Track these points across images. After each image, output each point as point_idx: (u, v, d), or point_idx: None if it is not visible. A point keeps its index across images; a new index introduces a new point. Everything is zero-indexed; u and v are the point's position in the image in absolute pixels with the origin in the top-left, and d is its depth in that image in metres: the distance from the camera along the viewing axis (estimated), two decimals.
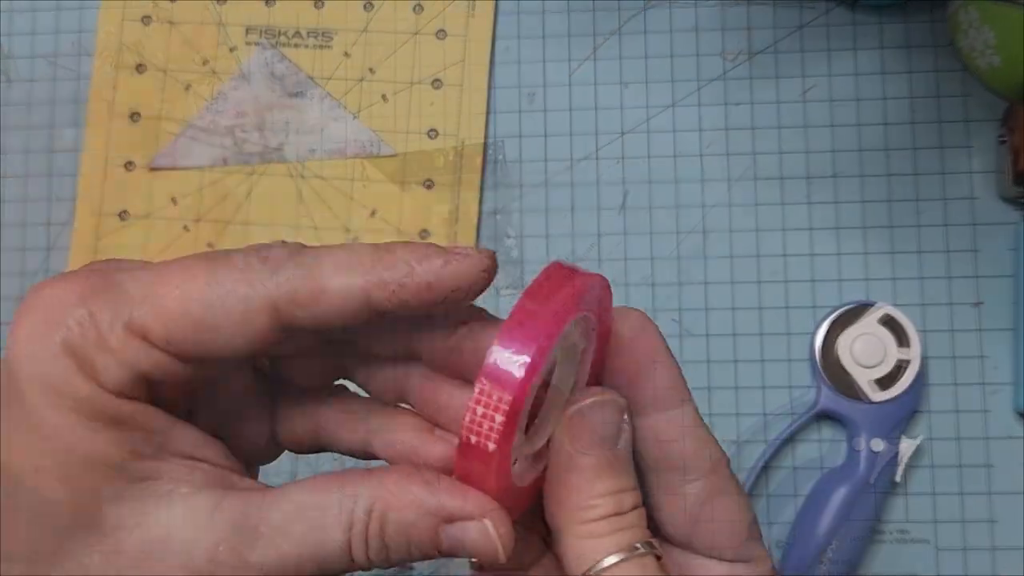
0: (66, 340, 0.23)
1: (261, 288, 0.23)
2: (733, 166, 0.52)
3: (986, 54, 0.47)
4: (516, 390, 0.23)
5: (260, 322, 0.23)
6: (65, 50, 0.56)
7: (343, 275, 0.23)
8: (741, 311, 0.51)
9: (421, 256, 0.24)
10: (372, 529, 0.24)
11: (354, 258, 0.24)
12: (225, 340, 0.23)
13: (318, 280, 0.23)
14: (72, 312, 0.23)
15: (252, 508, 0.24)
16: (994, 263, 0.51)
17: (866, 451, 0.48)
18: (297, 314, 0.23)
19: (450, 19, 0.54)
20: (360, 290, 0.23)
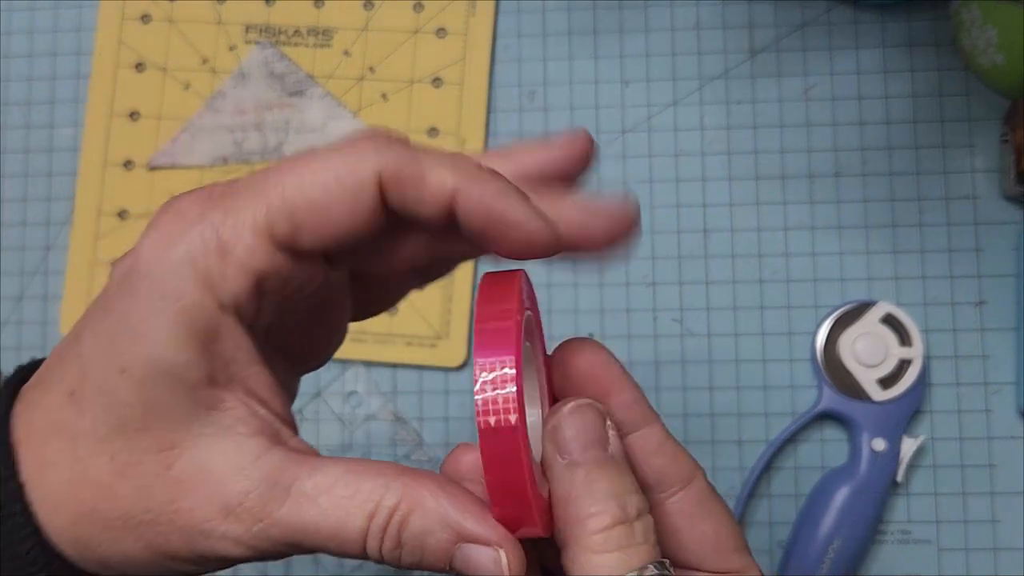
0: (188, 251, 0.24)
1: (370, 162, 0.24)
2: (735, 165, 0.52)
3: (988, 52, 0.47)
4: (514, 351, 0.24)
5: (368, 196, 0.24)
6: (64, 49, 0.56)
7: (443, 171, 0.25)
8: (743, 310, 0.51)
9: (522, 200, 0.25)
10: (392, 525, 0.24)
11: (460, 161, 0.25)
12: (340, 219, 0.24)
13: (421, 167, 0.25)
14: (195, 224, 0.24)
15: (291, 467, 0.25)
16: (996, 262, 0.50)
17: (868, 451, 0.48)
18: (397, 194, 0.25)
19: (450, 17, 0.54)
20: (451, 190, 0.25)
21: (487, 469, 0.24)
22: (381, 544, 0.25)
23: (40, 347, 0.53)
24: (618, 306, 0.52)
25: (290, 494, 0.24)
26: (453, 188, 0.25)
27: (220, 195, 0.25)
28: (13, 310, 0.54)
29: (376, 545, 0.25)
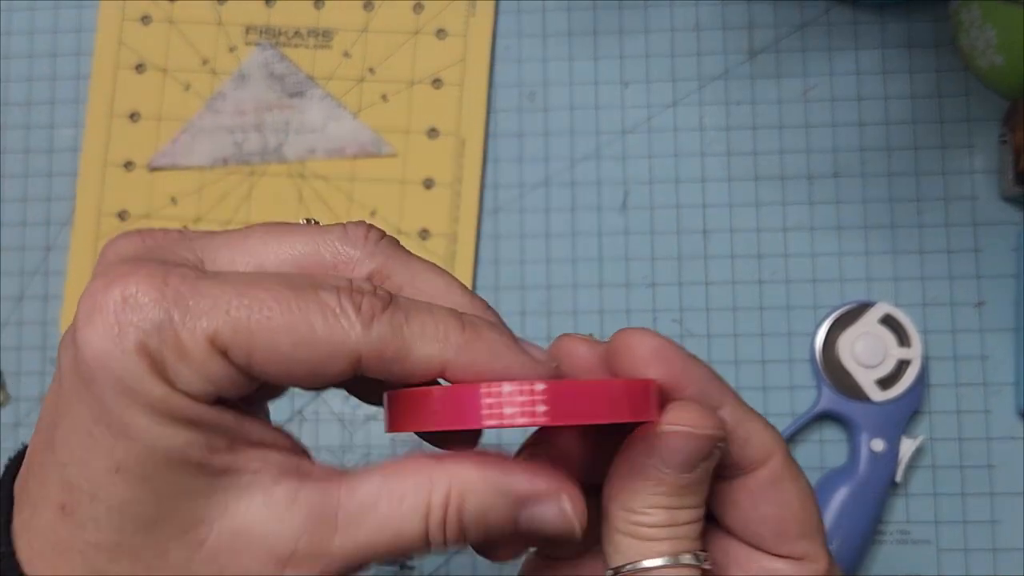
0: (141, 342, 0.22)
1: (353, 339, 0.23)
2: (734, 165, 0.52)
3: (987, 53, 0.47)
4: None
5: (341, 367, 0.23)
6: (64, 49, 0.56)
7: (430, 344, 0.24)
8: (742, 311, 0.51)
9: (503, 349, 0.24)
10: (451, 516, 0.24)
11: (441, 329, 0.24)
12: (304, 376, 0.23)
13: (407, 344, 0.24)
14: (150, 313, 0.23)
15: (330, 498, 0.24)
16: (995, 263, 0.50)
17: (867, 451, 0.48)
18: (376, 367, 0.24)
19: (450, 18, 0.54)
20: (439, 364, 0.24)
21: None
22: (444, 535, 0.24)
23: (40, 347, 0.53)
24: (618, 307, 0.52)
25: (338, 523, 0.24)
26: (441, 363, 0.24)
27: (184, 290, 0.23)
28: (13, 310, 0.54)
29: (440, 538, 0.24)
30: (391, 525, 0.24)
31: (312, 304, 0.23)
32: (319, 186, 0.53)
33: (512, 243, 0.53)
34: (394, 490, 0.24)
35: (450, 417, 0.24)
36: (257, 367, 0.23)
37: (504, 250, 0.53)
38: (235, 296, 0.23)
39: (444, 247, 0.52)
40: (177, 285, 0.23)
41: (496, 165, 0.53)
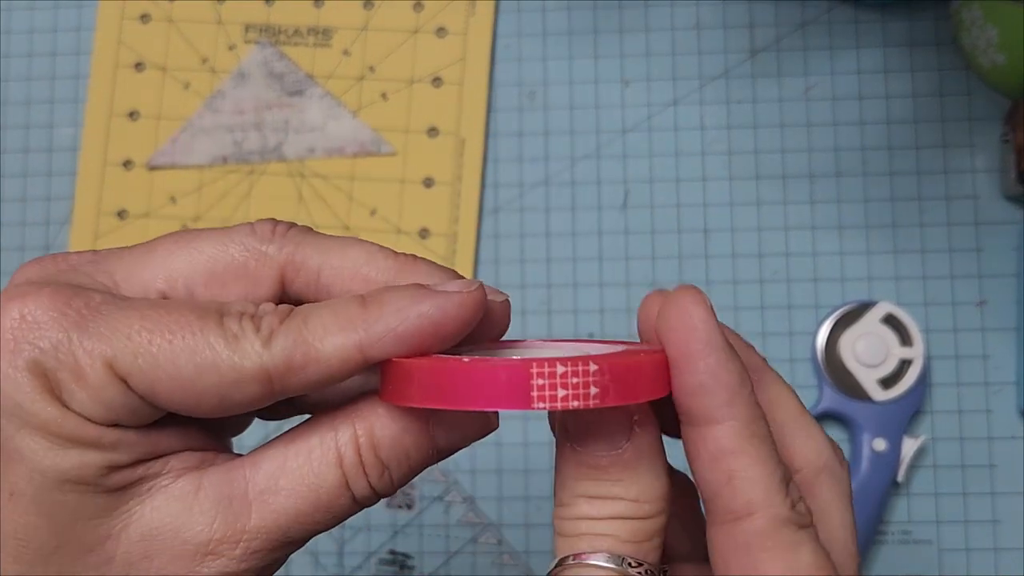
0: (35, 360, 0.22)
1: (255, 359, 0.22)
2: (735, 165, 0.52)
3: (989, 52, 0.47)
4: None
5: (253, 390, 0.22)
6: (64, 48, 0.56)
7: (335, 335, 0.22)
8: (743, 311, 0.51)
9: (409, 302, 0.23)
10: (365, 454, 0.23)
11: (342, 316, 0.23)
12: (213, 405, 0.23)
13: (312, 345, 0.22)
14: (46, 332, 0.22)
15: (235, 477, 0.23)
16: (997, 262, 0.50)
17: (869, 451, 0.48)
18: (291, 380, 0.23)
19: (450, 17, 0.54)
20: (354, 347, 0.23)
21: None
22: (367, 478, 0.23)
23: None
24: (618, 306, 0.52)
25: (249, 499, 0.23)
26: (356, 348, 0.23)
27: (84, 312, 0.22)
28: None
29: (363, 483, 0.23)
30: (305, 483, 0.23)
31: (215, 329, 0.22)
32: (318, 185, 0.53)
33: (512, 242, 0.53)
34: (300, 450, 0.23)
35: (489, 396, 0.22)
36: (160, 396, 0.22)
37: (504, 249, 0.52)
38: (139, 320, 0.22)
39: (444, 246, 0.52)
40: (80, 307, 0.22)
41: (496, 164, 0.53)
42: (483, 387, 0.22)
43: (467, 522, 0.50)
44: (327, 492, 0.23)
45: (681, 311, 0.23)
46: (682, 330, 0.23)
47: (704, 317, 0.23)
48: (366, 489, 0.23)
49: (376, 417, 0.23)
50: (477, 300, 0.23)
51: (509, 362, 0.22)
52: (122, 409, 0.22)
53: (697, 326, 0.23)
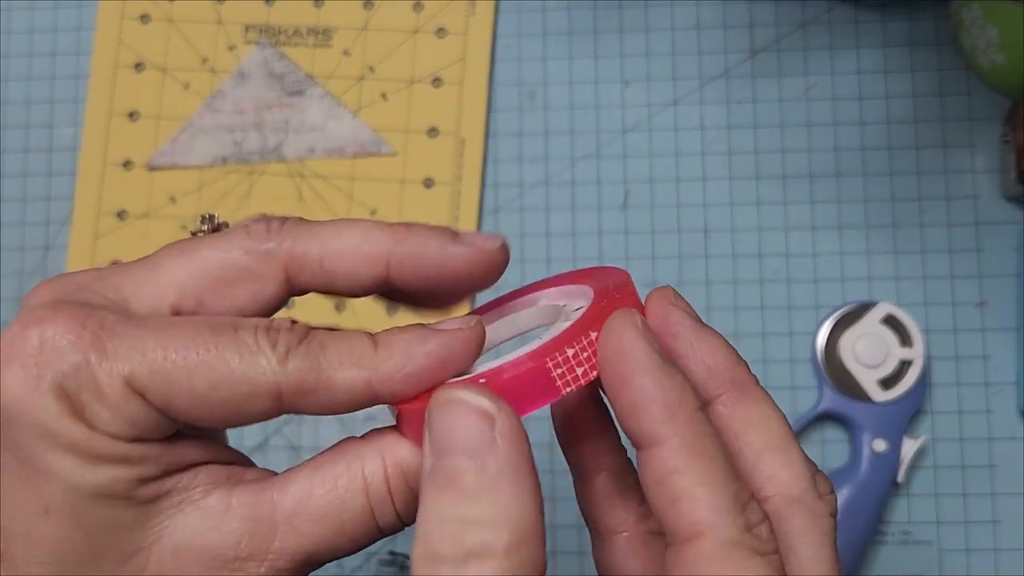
0: (59, 384, 0.22)
1: (270, 375, 0.23)
2: (735, 165, 0.52)
3: (989, 52, 0.47)
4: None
5: (263, 405, 0.23)
6: (64, 49, 0.56)
7: (348, 369, 0.23)
8: (743, 311, 0.51)
9: (415, 344, 0.24)
10: (395, 482, 0.24)
11: (356, 352, 0.23)
12: (226, 416, 0.23)
13: (325, 372, 0.23)
14: (66, 356, 0.22)
15: (264, 498, 0.24)
16: (997, 262, 0.50)
17: (869, 451, 0.48)
18: (300, 401, 0.23)
19: (450, 17, 0.54)
20: (364, 383, 0.23)
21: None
22: (394, 506, 0.24)
23: None
24: None
25: (276, 521, 0.24)
26: (365, 383, 0.23)
27: (101, 332, 0.23)
28: (13, 310, 0.54)
29: (389, 511, 0.24)
30: (332, 510, 0.23)
31: (230, 343, 0.23)
32: (318, 185, 0.53)
33: (512, 242, 0.52)
34: (327, 476, 0.24)
35: (527, 400, 0.23)
36: (176, 409, 0.23)
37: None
38: (153, 337, 0.23)
39: None
40: (95, 328, 0.23)
41: (496, 164, 0.53)
42: (514, 395, 0.23)
43: None
44: (351, 520, 0.24)
45: (611, 336, 0.23)
46: (613, 355, 0.23)
47: (634, 339, 0.22)
48: (391, 516, 0.24)
49: (403, 446, 0.24)
50: (479, 335, 0.24)
51: (521, 364, 0.23)
52: (144, 423, 0.23)
53: (627, 350, 0.22)
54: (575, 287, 0.27)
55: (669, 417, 0.22)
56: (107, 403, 0.22)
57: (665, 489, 0.22)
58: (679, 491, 0.22)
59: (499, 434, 0.21)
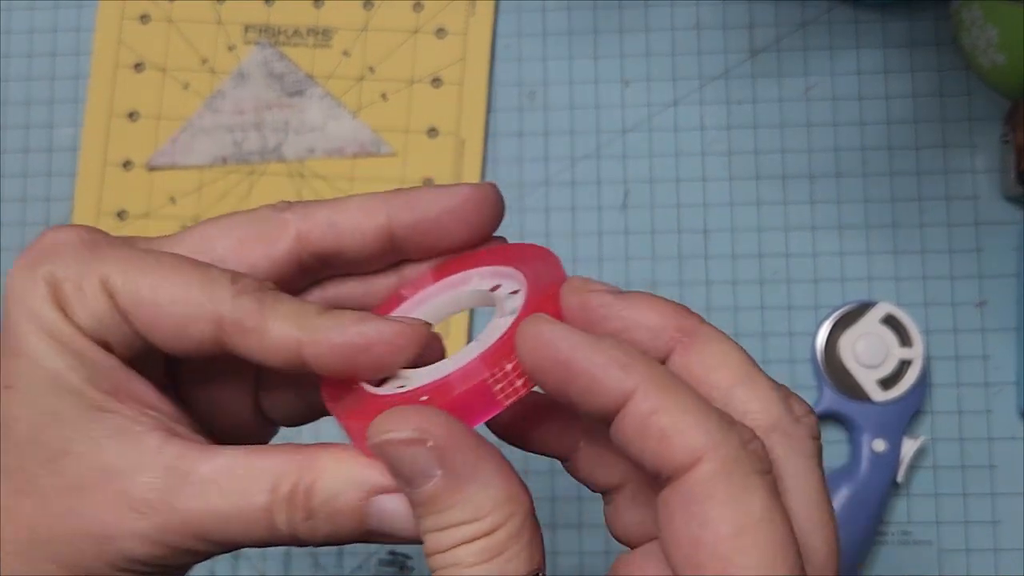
0: (49, 272, 0.25)
1: (216, 303, 0.25)
2: (735, 165, 0.52)
3: (989, 52, 0.47)
4: None
5: (205, 329, 0.25)
6: (63, 49, 0.56)
7: (286, 322, 0.25)
8: (743, 311, 0.51)
9: (352, 321, 0.25)
10: (298, 494, 0.24)
11: (300, 314, 0.25)
12: (172, 333, 0.25)
13: (266, 319, 0.25)
14: (63, 253, 0.25)
15: (189, 455, 0.25)
16: (997, 263, 0.50)
17: (868, 451, 0.48)
18: (237, 339, 0.25)
19: (450, 17, 0.54)
20: (295, 341, 0.25)
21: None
22: (290, 517, 0.24)
23: None
24: None
25: (189, 482, 0.24)
26: (296, 342, 0.25)
27: (96, 243, 0.26)
28: None
29: (284, 519, 0.24)
30: (237, 493, 0.24)
31: (200, 273, 0.25)
32: (318, 185, 0.53)
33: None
34: (251, 463, 0.24)
35: (469, 416, 0.24)
36: (137, 316, 0.25)
37: None
38: (140, 256, 0.25)
39: None
40: (99, 241, 0.26)
41: (496, 165, 0.53)
42: (455, 414, 0.23)
43: None
44: (252, 510, 0.24)
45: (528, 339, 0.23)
46: (538, 352, 0.23)
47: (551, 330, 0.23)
48: (285, 526, 0.24)
49: (325, 466, 0.24)
50: (416, 334, 0.25)
51: (464, 380, 0.23)
52: (109, 323, 0.25)
53: (547, 339, 0.22)
54: (507, 268, 0.27)
55: (626, 369, 0.22)
56: (82, 296, 0.25)
57: (650, 432, 0.22)
58: (664, 428, 0.21)
59: (435, 447, 0.22)
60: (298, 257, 0.27)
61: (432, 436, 0.22)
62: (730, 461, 0.21)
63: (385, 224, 0.27)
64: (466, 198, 0.27)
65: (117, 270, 0.25)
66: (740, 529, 0.21)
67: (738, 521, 0.21)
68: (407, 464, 0.23)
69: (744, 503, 0.21)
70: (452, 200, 0.27)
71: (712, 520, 0.21)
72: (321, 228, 0.27)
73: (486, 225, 0.27)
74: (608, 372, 0.22)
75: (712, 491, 0.21)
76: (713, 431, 0.21)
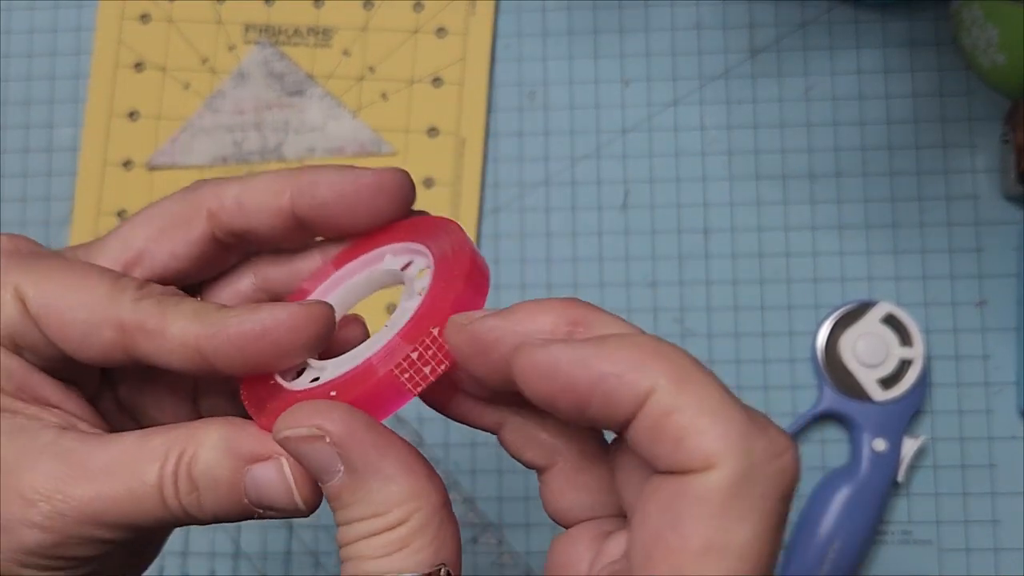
0: None
1: (119, 310, 0.25)
2: (735, 165, 0.52)
3: (989, 52, 0.47)
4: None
5: (108, 335, 0.25)
6: (63, 48, 0.56)
7: (185, 321, 0.25)
8: (743, 311, 0.51)
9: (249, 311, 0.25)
10: (181, 469, 0.24)
11: (200, 311, 0.25)
12: (78, 339, 0.25)
13: (166, 319, 0.25)
14: None
15: (85, 445, 0.25)
16: (997, 262, 0.50)
17: (869, 451, 0.48)
18: (139, 342, 0.25)
19: (450, 17, 0.54)
20: (194, 337, 0.25)
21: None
22: (177, 492, 0.24)
23: None
24: (619, 306, 0.52)
25: (85, 469, 0.25)
26: (195, 338, 0.25)
27: (23, 253, 0.27)
28: None
29: (173, 493, 0.24)
30: (129, 476, 0.24)
31: (106, 281, 0.26)
32: None
33: (512, 242, 0.53)
34: (142, 445, 0.25)
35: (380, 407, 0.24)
36: (46, 321, 0.25)
37: (504, 249, 0.53)
38: (55, 263, 0.26)
39: None
40: (24, 252, 0.27)
41: (496, 164, 0.53)
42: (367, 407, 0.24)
43: (467, 522, 0.50)
44: (143, 489, 0.25)
45: (528, 370, 0.22)
46: (544, 384, 0.22)
47: (545, 354, 0.22)
48: (174, 500, 0.25)
49: (206, 438, 0.25)
50: (312, 315, 0.25)
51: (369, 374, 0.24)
52: (19, 328, 0.26)
53: (547, 364, 0.22)
54: (417, 245, 0.27)
55: (641, 369, 0.21)
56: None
57: (665, 435, 0.20)
58: (681, 430, 0.20)
59: (334, 442, 0.23)
60: (214, 236, 0.28)
61: (330, 433, 0.23)
62: (744, 475, 0.20)
63: (288, 206, 0.27)
64: (364, 185, 0.27)
65: (30, 279, 0.26)
66: (709, 549, 0.19)
67: (714, 540, 0.19)
68: (311, 460, 0.23)
69: (732, 524, 0.20)
70: (350, 186, 0.27)
71: (687, 527, 0.20)
72: (230, 209, 0.27)
73: (389, 211, 0.28)
74: (623, 380, 0.21)
75: (708, 499, 0.20)
76: (734, 438, 0.20)
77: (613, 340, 0.21)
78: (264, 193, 0.27)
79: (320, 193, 0.27)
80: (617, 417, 0.21)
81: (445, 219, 0.27)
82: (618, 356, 0.21)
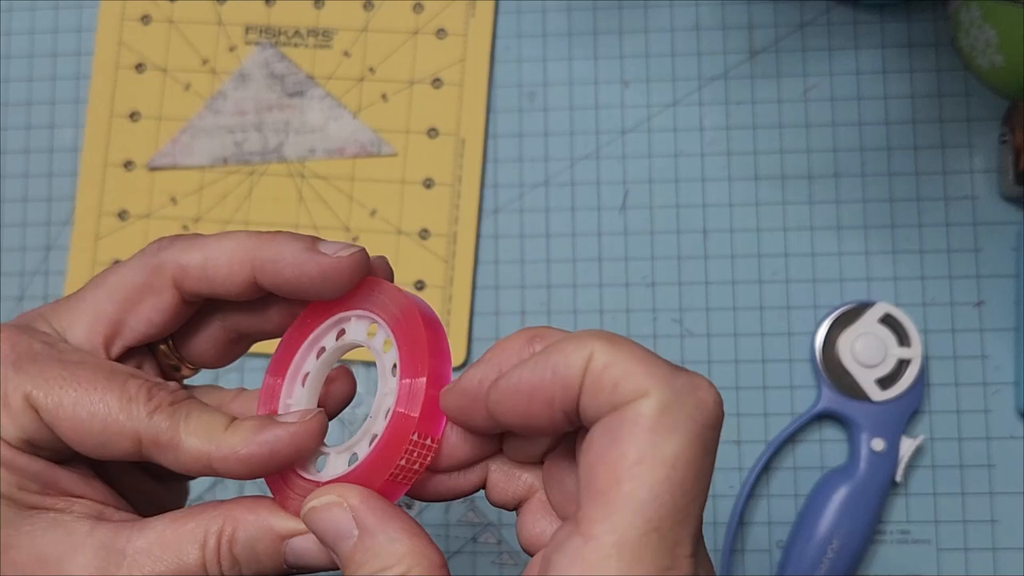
0: None
1: (135, 424, 0.27)
2: (734, 165, 0.52)
3: (987, 53, 0.47)
4: None
5: (125, 445, 0.27)
6: (64, 49, 0.56)
7: (197, 439, 0.27)
8: (742, 311, 0.51)
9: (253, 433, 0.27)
10: (223, 546, 0.28)
11: (210, 427, 0.28)
12: (95, 446, 0.27)
13: (178, 435, 0.27)
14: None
15: (121, 534, 0.28)
16: (995, 263, 0.51)
17: (867, 451, 0.48)
18: (154, 453, 0.28)
19: (450, 18, 0.54)
20: (205, 455, 0.27)
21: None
22: (220, 565, 0.28)
23: None
24: (618, 306, 0.52)
25: (126, 555, 0.27)
26: (207, 456, 0.27)
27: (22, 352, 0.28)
28: (13, 310, 0.54)
29: (216, 567, 0.28)
30: (172, 556, 0.27)
31: (116, 388, 0.28)
32: (319, 186, 0.53)
33: (512, 243, 0.53)
34: (178, 527, 0.28)
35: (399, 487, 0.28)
36: (60, 428, 0.27)
37: (504, 250, 0.53)
38: (60, 368, 0.28)
39: (444, 247, 0.52)
40: (22, 351, 0.28)
41: (496, 165, 0.53)
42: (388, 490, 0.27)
43: (467, 522, 0.51)
44: (188, 568, 0.27)
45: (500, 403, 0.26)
46: (516, 406, 0.25)
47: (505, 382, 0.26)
48: (216, 573, 0.28)
49: (241, 518, 0.28)
50: (310, 429, 0.28)
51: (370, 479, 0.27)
52: (35, 435, 0.27)
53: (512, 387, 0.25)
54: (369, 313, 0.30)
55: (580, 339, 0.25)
56: (9, 411, 0.27)
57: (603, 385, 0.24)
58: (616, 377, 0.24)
59: (350, 508, 0.26)
60: (183, 299, 0.30)
61: (349, 499, 0.27)
62: (670, 401, 0.23)
63: (251, 278, 0.29)
64: (327, 267, 0.28)
65: (39, 387, 0.27)
66: (643, 459, 0.23)
67: (646, 452, 0.23)
68: (331, 525, 0.26)
69: (662, 438, 0.23)
70: (314, 268, 0.28)
71: (624, 444, 0.23)
72: (195, 277, 0.29)
73: (347, 287, 0.29)
74: (568, 357, 0.24)
75: (640, 421, 0.23)
76: (660, 376, 0.23)
77: (559, 339, 0.25)
78: (228, 266, 0.29)
79: (283, 272, 0.29)
80: (573, 391, 0.24)
81: (371, 279, 0.30)
82: (562, 345, 0.25)
